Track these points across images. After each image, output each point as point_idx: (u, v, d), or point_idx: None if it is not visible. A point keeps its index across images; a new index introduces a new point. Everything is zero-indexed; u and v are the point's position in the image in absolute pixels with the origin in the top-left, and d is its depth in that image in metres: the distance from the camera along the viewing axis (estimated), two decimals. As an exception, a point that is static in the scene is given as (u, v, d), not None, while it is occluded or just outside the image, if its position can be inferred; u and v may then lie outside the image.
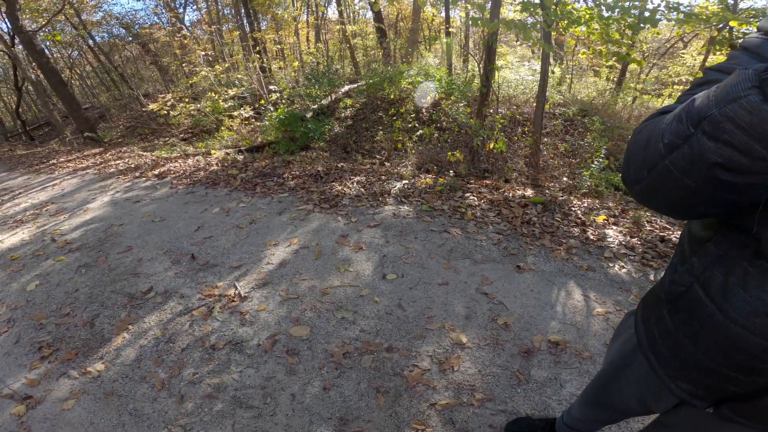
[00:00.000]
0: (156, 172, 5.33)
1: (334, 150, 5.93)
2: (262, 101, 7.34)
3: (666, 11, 4.28)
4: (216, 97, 7.39)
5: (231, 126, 6.90)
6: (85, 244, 3.31)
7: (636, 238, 2.75)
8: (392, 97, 6.90)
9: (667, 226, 2.92)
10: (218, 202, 3.95)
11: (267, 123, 6.44)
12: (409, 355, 1.86)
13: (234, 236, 3.16)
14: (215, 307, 2.28)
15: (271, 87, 7.77)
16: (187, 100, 7.87)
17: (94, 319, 2.30)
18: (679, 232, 2.70)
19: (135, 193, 4.60)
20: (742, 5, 5.97)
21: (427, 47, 14.58)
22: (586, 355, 1.82)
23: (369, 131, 6.43)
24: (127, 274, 2.74)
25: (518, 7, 4.14)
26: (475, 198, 3.50)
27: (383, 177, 4.23)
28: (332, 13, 15.79)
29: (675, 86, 9.05)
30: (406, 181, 4.01)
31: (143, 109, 10.34)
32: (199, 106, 7.49)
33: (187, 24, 14.69)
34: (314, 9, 13.51)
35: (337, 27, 12.87)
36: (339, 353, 1.89)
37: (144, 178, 5.16)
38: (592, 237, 2.80)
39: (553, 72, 7.93)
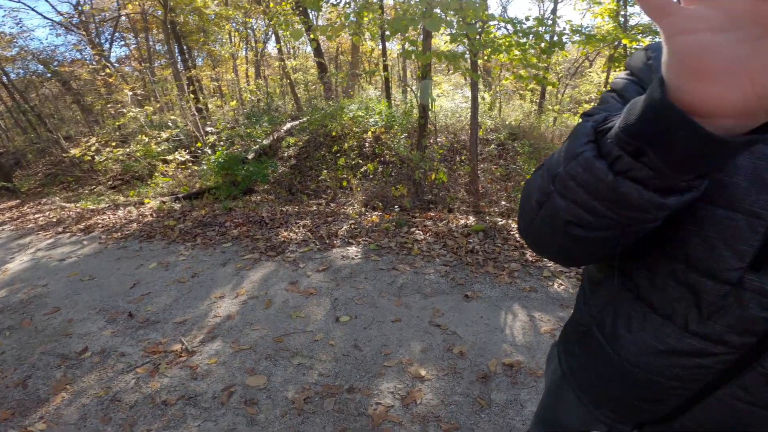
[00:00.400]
0: (82, 226, 5.08)
1: (278, 192, 6.00)
2: (199, 144, 7.30)
3: (570, 34, 5.04)
4: (147, 140, 7.24)
5: (166, 171, 6.76)
6: (7, 306, 3.12)
7: None
8: (334, 134, 7.17)
9: None
10: (155, 257, 3.87)
11: (205, 167, 6.40)
12: (371, 394, 1.96)
13: (175, 291, 3.12)
14: (161, 364, 2.26)
15: (208, 128, 7.75)
16: (114, 143, 7.60)
17: (27, 380, 2.22)
18: None
19: (60, 250, 4.36)
20: (632, 22, 7.04)
21: (368, 80, 15.25)
22: (540, 374, 2.02)
23: (313, 170, 6.59)
24: (57, 335, 2.64)
25: (447, 38, 4.63)
26: (421, 232, 3.74)
27: (329, 219, 4.37)
28: (272, 47, 16.12)
29: (586, 104, 10.28)
30: (353, 221, 4.18)
31: (64, 154, 9.80)
32: (128, 150, 7.27)
33: (114, 61, 14.31)
34: (253, 45, 13.76)
35: (277, 63, 13.16)
36: (300, 399, 1.95)
37: (68, 233, 4.90)
38: (530, 258, 3.11)
39: (483, 98, 8.75)
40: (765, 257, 0.45)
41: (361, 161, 6.40)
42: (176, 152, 7.04)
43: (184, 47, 11.83)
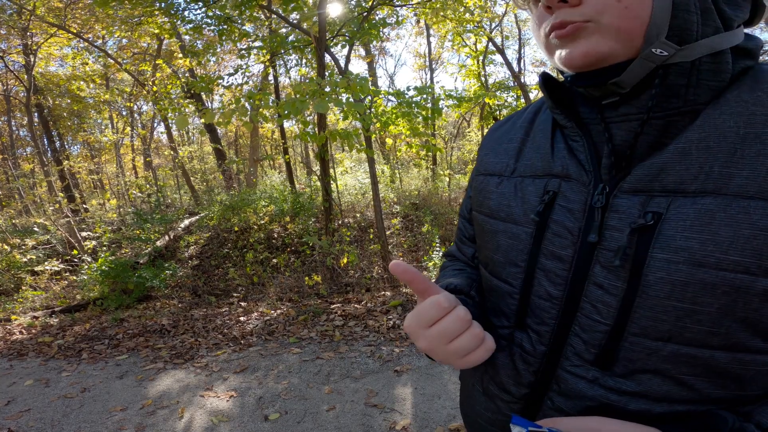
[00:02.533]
0: None
1: (182, 296, 6.23)
2: (75, 251, 7.34)
3: (445, 99, 6.47)
4: (9, 250, 7.15)
5: (36, 284, 6.67)
6: None
7: None
8: (236, 229, 7.71)
9: None
10: (30, 374, 3.89)
11: (86, 277, 6.47)
12: None
13: (63, 407, 3.21)
14: None
15: (86, 233, 7.86)
16: (-37, 255, 7.37)
17: None
18: None
19: None
20: (491, 80, 9.39)
21: (271, 164, 16.21)
22: None
23: (219, 269, 6.94)
24: None
25: (341, 116, 5.60)
26: (340, 317, 4.29)
27: (242, 318, 4.75)
28: (162, 133, 16.60)
29: (472, 163, 12.49)
30: (268, 317, 4.61)
31: None
32: (-17, 261, 7.09)
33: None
34: (139, 132, 14.20)
35: (167, 151, 13.64)
36: None
37: None
38: None
39: (382, 171, 10.13)
40: (523, 320, 0.64)
41: (270, 254, 6.93)
42: (47, 262, 7.02)
43: (54, 134, 11.88)
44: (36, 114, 10.91)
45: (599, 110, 0.57)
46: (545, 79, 0.62)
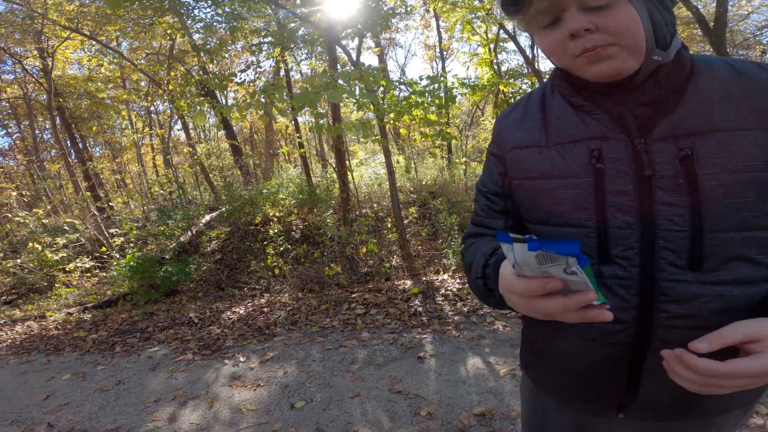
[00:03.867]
0: (-33, 351, 5.04)
1: (206, 289, 6.34)
2: (104, 248, 7.50)
3: (459, 87, 6.35)
4: (41, 249, 7.34)
5: (68, 282, 6.86)
6: None
7: None
8: (257, 221, 7.78)
9: None
10: (67, 369, 4.01)
11: (115, 273, 6.62)
12: None
13: (100, 399, 3.31)
14: None
15: (113, 229, 8.02)
16: (0, 254, 7.60)
17: None
18: None
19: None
20: (504, 68, 9.12)
21: (287, 158, 16.29)
22: (514, 415, 2.48)
23: (242, 262, 7.03)
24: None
25: (354, 107, 5.56)
26: (362, 306, 4.32)
27: (265, 309, 4.82)
28: (180, 132, 16.76)
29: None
30: (290, 308, 4.67)
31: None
32: (19, 260, 7.29)
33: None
34: (157, 131, 14.37)
35: (186, 149, 13.80)
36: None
37: (-52, 365, 4.83)
38: (469, 309, 3.79)
39: (398, 162, 10.11)
40: (607, 252, 0.75)
41: (290, 246, 6.99)
42: (78, 259, 7.19)
43: (76, 135, 12.03)
44: (58, 117, 11.06)
45: (609, 95, 0.75)
46: (563, 74, 0.80)
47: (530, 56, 9.93)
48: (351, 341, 3.70)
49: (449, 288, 4.28)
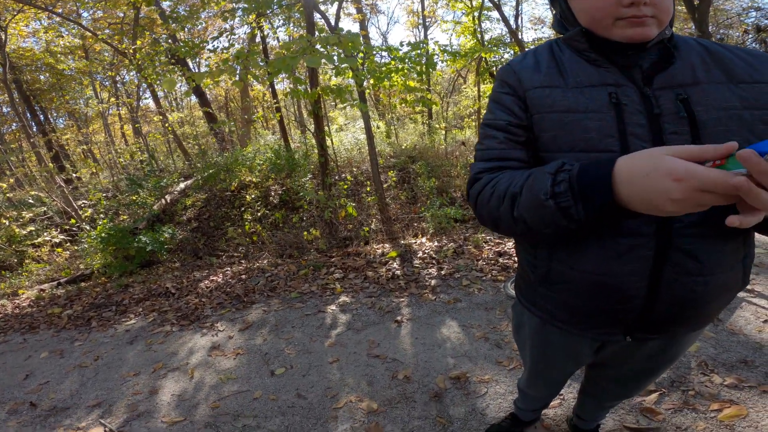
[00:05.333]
0: (-65, 334, 4.81)
1: (184, 259, 6.15)
2: (73, 220, 7.18)
3: (440, 54, 6.21)
4: (7, 224, 6.99)
5: (39, 257, 6.56)
6: None
7: (481, 261, 3.82)
8: (233, 188, 7.54)
9: (499, 241, 4.10)
10: (44, 347, 3.87)
11: (86, 245, 6.36)
12: None
13: (80, 376, 3.20)
14: None
15: (81, 201, 7.67)
16: (-37, 232, 7.21)
17: None
18: (510, 244, 4.09)
19: None
20: (487, 36, 8.86)
21: (264, 125, 15.85)
22: (487, 378, 2.48)
23: (219, 229, 6.84)
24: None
25: (333, 74, 5.38)
26: (340, 270, 4.24)
27: (243, 276, 4.70)
28: (149, 99, 16.06)
29: (467, 118, 12.64)
30: (269, 274, 4.55)
31: None
32: (-17, 237, 6.94)
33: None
34: (125, 100, 13.71)
35: (157, 117, 13.24)
36: (256, 461, 2.14)
37: None
38: (448, 271, 3.75)
39: (378, 127, 9.96)
40: None
41: (268, 212, 6.82)
42: (46, 233, 6.88)
43: (36, 108, 11.48)
44: (16, 90, 10.49)
45: (621, 54, 0.91)
46: (585, 33, 0.93)
47: (514, 26, 9.63)
48: (329, 306, 3.63)
49: (426, 251, 4.22)
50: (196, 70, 11.93)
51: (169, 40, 9.56)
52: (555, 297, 1.03)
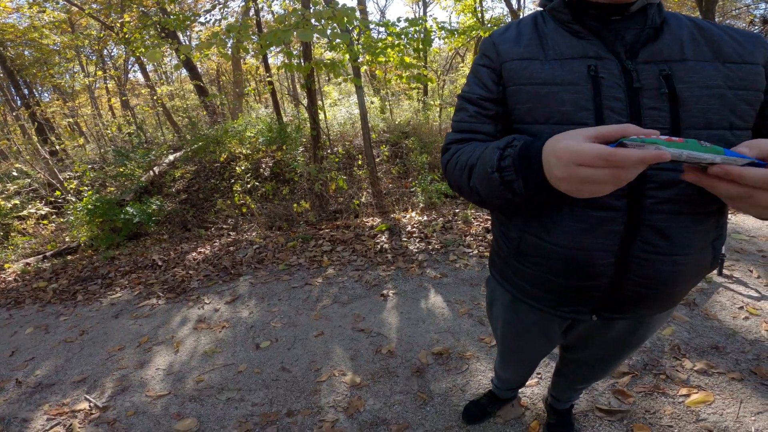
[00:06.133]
0: None
1: (172, 231, 6.02)
2: (58, 192, 6.99)
3: (437, 31, 6.01)
4: (-8, 197, 6.79)
5: (24, 230, 6.40)
6: None
7: (469, 236, 3.73)
8: (222, 159, 7.35)
9: (488, 217, 4.02)
10: (30, 322, 3.77)
11: (72, 217, 6.20)
12: (312, 413, 2.18)
13: (65, 351, 3.12)
14: (73, 424, 2.33)
15: (67, 173, 7.46)
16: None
17: None
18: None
19: None
20: (487, 15, 8.57)
21: (257, 99, 15.49)
22: (468, 355, 2.43)
23: (208, 201, 6.69)
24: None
25: (327, 48, 5.19)
26: (329, 243, 4.13)
27: (231, 248, 4.58)
28: (138, 73, 15.63)
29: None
30: (257, 246, 4.44)
31: None
32: (-31, 211, 6.75)
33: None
34: (112, 74, 13.29)
35: (145, 90, 12.88)
36: (240, 433, 2.11)
37: None
38: (436, 246, 3.66)
39: (372, 102, 9.71)
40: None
41: (258, 183, 6.66)
42: (31, 205, 6.70)
43: (20, 81, 11.17)
44: (-1, 65, 10.14)
45: (605, 23, 0.86)
46: (568, 4, 0.89)
47: (516, 7, 9.28)
48: (316, 279, 3.54)
49: (415, 225, 4.12)
50: (188, 44, 11.55)
51: (159, 13, 9.19)
52: (527, 271, 1.03)
